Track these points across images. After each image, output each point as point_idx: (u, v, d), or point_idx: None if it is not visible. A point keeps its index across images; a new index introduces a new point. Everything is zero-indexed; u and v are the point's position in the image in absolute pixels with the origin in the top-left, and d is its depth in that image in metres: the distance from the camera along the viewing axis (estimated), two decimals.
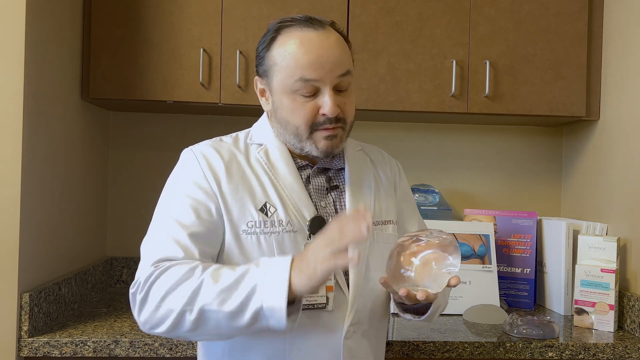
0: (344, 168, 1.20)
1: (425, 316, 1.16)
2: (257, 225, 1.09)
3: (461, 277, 1.87)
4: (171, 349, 1.50)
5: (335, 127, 1.11)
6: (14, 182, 1.47)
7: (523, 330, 1.60)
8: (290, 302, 0.95)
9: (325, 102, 1.08)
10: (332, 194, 1.17)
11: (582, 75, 1.97)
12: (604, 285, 1.72)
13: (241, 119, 2.14)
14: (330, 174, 1.19)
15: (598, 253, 1.75)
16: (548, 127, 2.32)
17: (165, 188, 1.14)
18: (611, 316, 1.70)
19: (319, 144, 1.11)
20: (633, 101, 1.81)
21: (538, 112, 1.97)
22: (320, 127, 1.10)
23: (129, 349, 1.50)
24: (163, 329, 1.00)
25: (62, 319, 1.69)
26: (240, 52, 1.87)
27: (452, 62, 1.92)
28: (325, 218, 1.12)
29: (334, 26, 1.14)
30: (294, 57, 1.08)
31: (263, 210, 1.10)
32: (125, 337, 1.51)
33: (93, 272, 1.98)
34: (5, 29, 1.47)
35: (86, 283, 1.91)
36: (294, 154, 1.17)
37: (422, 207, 2.05)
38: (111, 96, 1.87)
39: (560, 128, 2.32)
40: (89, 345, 1.49)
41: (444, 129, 2.30)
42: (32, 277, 1.55)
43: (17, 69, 1.47)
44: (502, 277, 1.99)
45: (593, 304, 1.73)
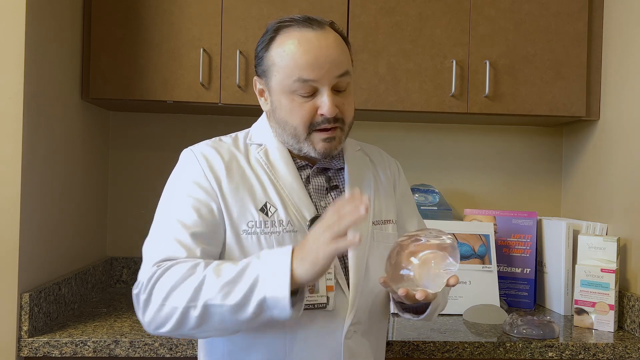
0: (343, 168, 1.20)
1: (424, 315, 1.16)
2: (258, 225, 1.09)
3: (461, 277, 1.87)
4: (171, 349, 1.50)
5: (334, 128, 1.11)
6: (14, 182, 1.47)
7: (523, 330, 1.60)
8: (293, 292, 0.95)
9: (324, 103, 1.08)
10: (332, 193, 1.17)
11: (582, 75, 1.97)
12: (604, 285, 1.72)
13: (241, 119, 2.14)
14: (330, 174, 1.19)
15: (598, 253, 1.75)
16: (548, 127, 2.32)
17: (165, 189, 1.14)
18: (611, 316, 1.70)
19: (316, 145, 1.11)
20: (633, 101, 1.81)
21: (538, 112, 1.97)
22: (318, 128, 1.10)
23: (129, 349, 1.50)
24: (168, 327, 1.00)
25: (62, 319, 1.69)
26: (240, 52, 1.87)
27: (452, 62, 1.92)
28: None
29: (333, 26, 1.14)
30: (293, 57, 1.08)
31: (263, 210, 1.10)
32: (125, 337, 1.51)
33: (93, 272, 1.98)
34: (5, 29, 1.47)
35: (86, 283, 1.91)
36: (293, 154, 1.17)
37: (422, 207, 2.05)
38: (111, 96, 1.87)
39: (560, 128, 2.32)
40: (89, 345, 1.49)
41: (444, 129, 2.30)
42: (32, 277, 1.55)
43: (17, 69, 1.47)
44: (502, 277, 1.99)
45: (593, 304, 1.73)
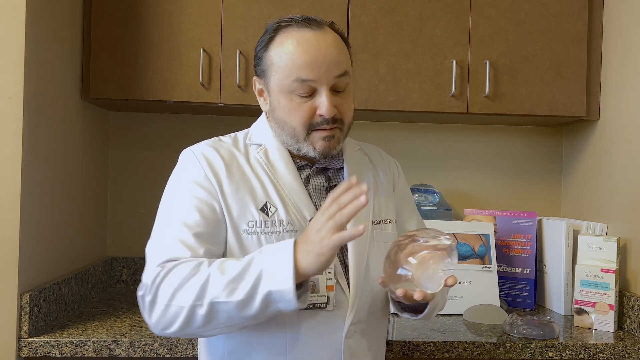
0: (343, 168, 1.20)
1: (423, 315, 1.16)
2: (258, 225, 1.09)
3: (461, 277, 1.87)
4: (171, 349, 1.50)
5: (332, 128, 1.11)
6: (14, 182, 1.47)
7: (523, 330, 1.60)
8: (298, 285, 0.95)
9: (322, 103, 1.08)
10: None
11: (582, 75, 1.97)
12: (604, 285, 1.72)
13: (241, 119, 2.14)
14: (330, 174, 1.19)
15: (598, 253, 1.75)
16: (548, 127, 2.32)
17: (166, 190, 1.14)
18: (611, 316, 1.70)
19: (316, 144, 1.11)
20: (633, 101, 1.81)
21: (538, 112, 1.97)
22: (317, 128, 1.10)
23: (129, 349, 1.50)
24: (175, 327, 1.00)
25: (62, 319, 1.69)
26: (240, 52, 1.87)
27: (452, 62, 1.92)
28: None
29: (333, 27, 1.14)
30: (291, 57, 1.08)
31: (264, 210, 1.10)
32: (125, 337, 1.51)
33: (93, 272, 1.98)
34: (5, 29, 1.47)
35: (86, 283, 1.91)
36: (293, 154, 1.17)
37: (422, 207, 2.05)
38: (111, 96, 1.87)
39: (560, 128, 2.32)
40: (89, 345, 1.49)
41: (444, 129, 2.30)
42: (32, 277, 1.55)
43: (17, 69, 1.47)
44: (502, 277, 1.99)
45: (593, 304, 1.73)
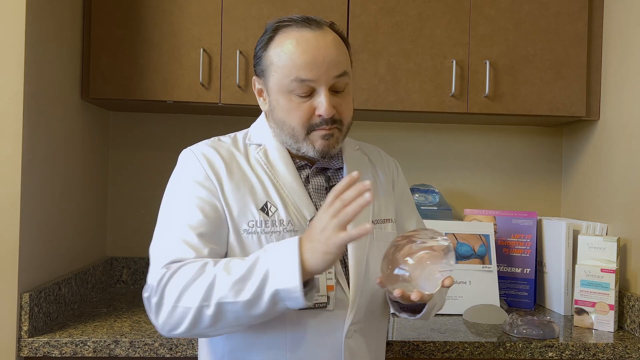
0: (342, 167, 1.20)
1: (421, 315, 1.16)
2: (258, 225, 1.09)
3: (461, 277, 1.87)
4: (171, 349, 1.50)
5: (331, 128, 1.11)
6: (14, 182, 1.47)
7: (523, 330, 1.60)
8: (304, 282, 0.95)
9: (321, 103, 1.08)
10: None
11: (582, 75, 1.97)
12: (604, 285, 1.72)
13: (241, 119, 2.14)
14: (329, 174, 1.19)
15: (598, 253, 1.75)
16: (548, 127, 2.32)
17: (167, 190, 1.14)
18: (611, 316, 1.70)
19: (315, 143, 1.11)
20: (633, 101, 1.81)
21: (538, 112, 1.97)
22: (316, 128, 1.10)
23: (129, 349, 1.50)
24: (183, 328, 1.00)
25: (62, 319, 1.69)
26: (240, 52, 1.87)
27: (452, 62, 1.92)
28: None
29: (333, 27, 1.14)
30: (290, 57, 1.08)
31: (264, 209, 1.10)
32: (125, 337, 1.51)
33: (93, 272, 1.98)
34: (5, 29, 1.47)
35: (86, 283, 1.91)
36: (292, 154, 1.17)
37: (422, 207, 2.05)
38: (111, 96, 1.87)
39: (560, 128, 2.32)
40: (89, 345, 1.49)
41: (444, 129, 2.30)
42: (32, 277, 1.55)
43: (17, 69, 1.47)
44: (502, 277, 1.99)
45: (593, 304, 1.73)
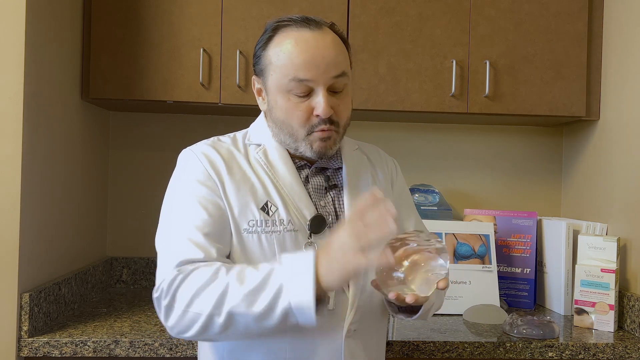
0: (341, 167, 1.20)
1: (417, 316, 1.15)
2: (259, 225, 1.09)
3: (461, 277, 1.87)
4: (171, 349, 1.50)
5: (330, 129, 1.10)
6: (14, 182, 1.47)
7: (523, 330, 1.60)
8: (318, 298, 0.95)
9: (319, 103, 1.08)
10: (331, 193, 1.17)
11: (582, 75, 1.97)
12: (604, 285, 1.72)
13: (241, 119, 2.14)
14: (329, 174, 1.19)
15: (598, 253, 1.75)
16: (548, 127, 2.32)
17: (169, 191, 1.14)
18: (611, 316, 1.70)
19: (313, 144, 1.11)
20: (633, 101, 1.81)
21: (538, 112, 1.97)
22: (316, 130, 1.10)
23: (129, 349, 1.50)
24: (192, 333, 1.00)
25: (62, 319, 1.69)
26: (240, 52, 1.87)
27: (452, 62, 1.92)
28: (325, 217, 1.12)
29: (333, 28, 1.14)
30: (289, 57, 1.08)
31: (264, 209, 1.10)
32: (125, 337, 1.51)
33: (93, 272, 1.98)
34: (5, 29, 1.47)
35: (86, 283, 1.91)
36: (291, 154, 1.17)
37: (422, 207, 2.05)
38: (111, 96, 1.87)
39: (560, 128, 2.32)
40: (89, 345, 1.49)
41: (444, 129, 2.30)
42: (32, 277, 1.55)
43: (17, 69, 1.47)
44: (502, 277, 1.99)
45: (593, 304, 1.73)
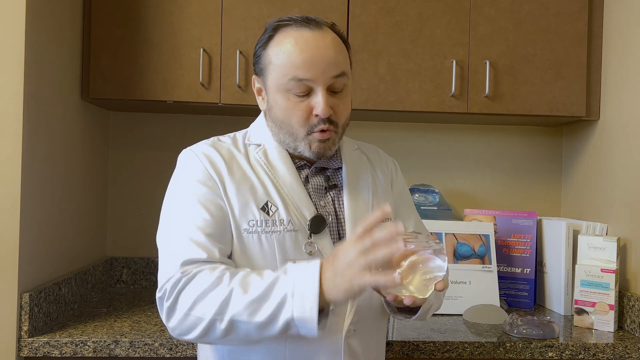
0: (341, 167, 1.20)
1: (415, 317, 1.15)
2: (259, 225, 1.09)
3: (461, 277, 1.87)
4: (171, 349, 1.50)
5: (329, 130, 1.10)
6: (14, 182, 1.47)
7: (523, 330, 1.60)
8: (320, 309, 0.94)
9: (318, 103, 1.08)
10: (331, 193, 1.18)
11: (582, 75, 1.97)
12: (604, 285, 1.72)
13: (241, 119, 2.14)
14: (329, 174, 1.19)
15: (598, 253, 1.75)
16: (548, 127, 2.32)
17: (169, 191, 1.13)
18: (611, 316, 1.70)
19: (312, 144, 1.11)
20: (633, 101, 1.81)
21: (538, 112, 1.97)
22: (315, 130, 1.10)
23: (129, 349, 1.50)
24: (193, 336, 1.00)
25: (62, 319, 1.69)
26: (240, 52, 1.87)
27: (452, 62, 1.92)
28: (325, 217, 1.12)
29: (333, 28, 1.14)
30: (289, 56, 1.08)
31: (264, 209, 1.10)
32: (125, 337, 1.51)
33: (93, 272, 1.98)
34: (5, 29, 1.47)
35: (86, 283, 1.91)
36: (291, 154, 1.17)
37: (422, 207, 2.05)
38: (111, 96, 1.87)
39: (560, 128, 2.32)
40: (89, 345, 1.49)
41: (444, 129, 2.30)
42: (32, 277, 1.55)
43: (17, 69, 1.47)
44: (502, 277, 1.99)
45: (593, 304, 1.73)
